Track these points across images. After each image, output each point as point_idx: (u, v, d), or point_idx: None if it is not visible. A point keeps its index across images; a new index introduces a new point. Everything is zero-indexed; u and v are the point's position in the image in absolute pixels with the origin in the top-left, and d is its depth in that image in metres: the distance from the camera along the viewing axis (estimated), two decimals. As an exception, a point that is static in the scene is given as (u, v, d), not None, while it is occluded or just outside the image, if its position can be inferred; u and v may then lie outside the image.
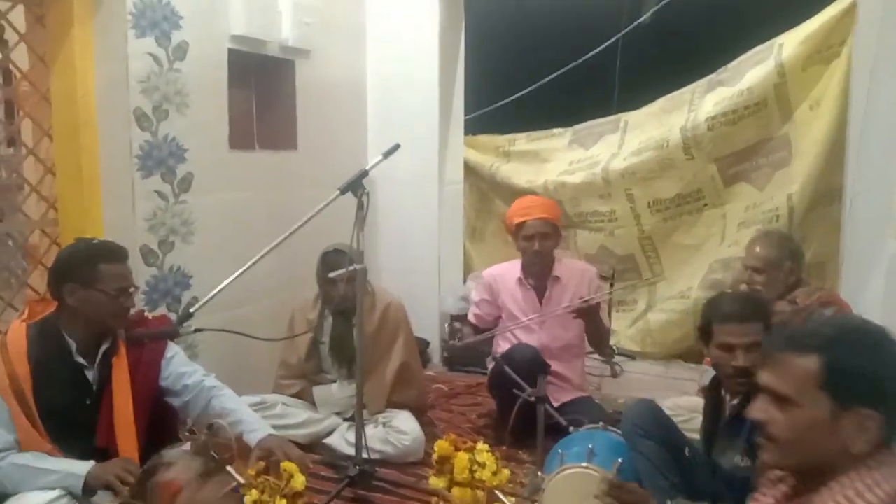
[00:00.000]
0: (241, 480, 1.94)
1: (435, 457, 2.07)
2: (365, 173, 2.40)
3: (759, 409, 1.29)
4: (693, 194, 4.16)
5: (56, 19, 2.78)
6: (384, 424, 2.92)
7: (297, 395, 3.08)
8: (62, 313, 2.12)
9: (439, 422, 3.30)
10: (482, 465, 1.99)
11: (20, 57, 2.92)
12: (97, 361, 2.12)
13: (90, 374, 2.12)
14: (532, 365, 2.83)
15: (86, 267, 2.09)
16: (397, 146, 2.50)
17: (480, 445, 2.06)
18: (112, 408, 2.10)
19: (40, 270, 2.95)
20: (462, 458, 2.00)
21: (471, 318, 3.37)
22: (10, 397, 2.01)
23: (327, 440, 2.96)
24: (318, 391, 3.07)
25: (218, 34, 3.13)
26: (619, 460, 1.95)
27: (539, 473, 2.17)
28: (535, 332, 3.16)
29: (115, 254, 2.15)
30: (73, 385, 2.10)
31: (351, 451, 2.80)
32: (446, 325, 4.21)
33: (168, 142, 2.95)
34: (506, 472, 2.05)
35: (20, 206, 3.02)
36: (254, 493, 1.88)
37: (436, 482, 2.05)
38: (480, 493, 2.01)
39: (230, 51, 3.19)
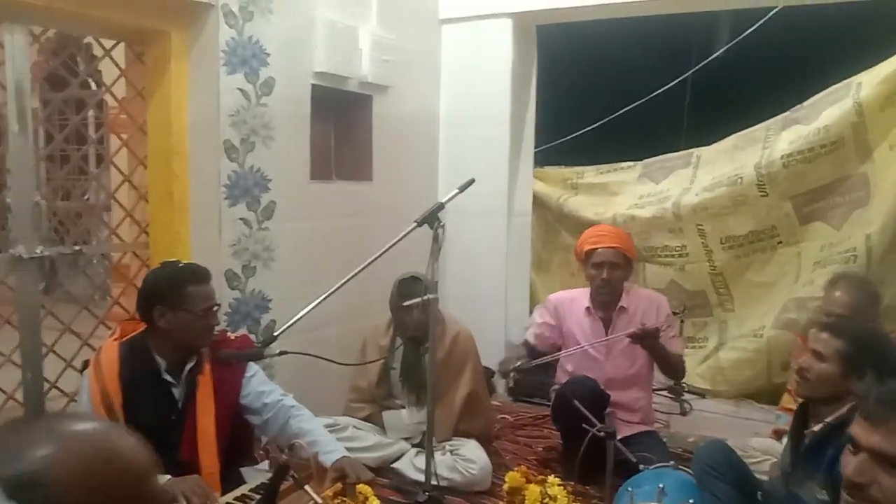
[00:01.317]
0: (319, 500, 2.01)
1: (506, 487, 2.10)
2: (441, 206, 2.47)
3: (860, 472, 1.23)
4: (767, 231, 4.10)
5: (154, 56, 2.99)
6: (452, 452, 2.96)
7: (366, 419, 3.15)
8: (152, 334, 2.23)
9: (505, 452, 3.32)
10: (553, 499, 2.01)
11: (117, 90, 3.14)
12: (182, 379, 2.23)
13: (176, 392, 2.22)
14: (593, 396, 2.83)
15: (174, 290, 2.18)
16: (472, 181, 2.57)
17: (552, 479, 2.08)
18: (196, 424, 2.18)
19: (130, 290, 3.12)
20: (533, 491, 2.02)
21: (528, 337, 3.29)
22: (100, 414, 2.12)
23: (395, 465, 3.02)
24: (388, 416, 3.13)
25: (302, 71, 3.28)
26: (691, 501, 1.94)
27: (608, 509, 2.17)
28: (599, 363, 3.13)
29: (199, 275, 2.24)
30: (161, 402, 2.20)
31: (418, 477, 2.87)
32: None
33: (253, 172, 3.10)
34: (575, 505, 2.06)
35: (114, 229, 3.21)
36: (330, 513, 1.95)
37: (505, 512, 2.07)
38: (550, 526, 2.03)
39: (313, 86, 3.34)
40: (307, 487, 2.04)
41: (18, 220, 2.68)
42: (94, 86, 6.15)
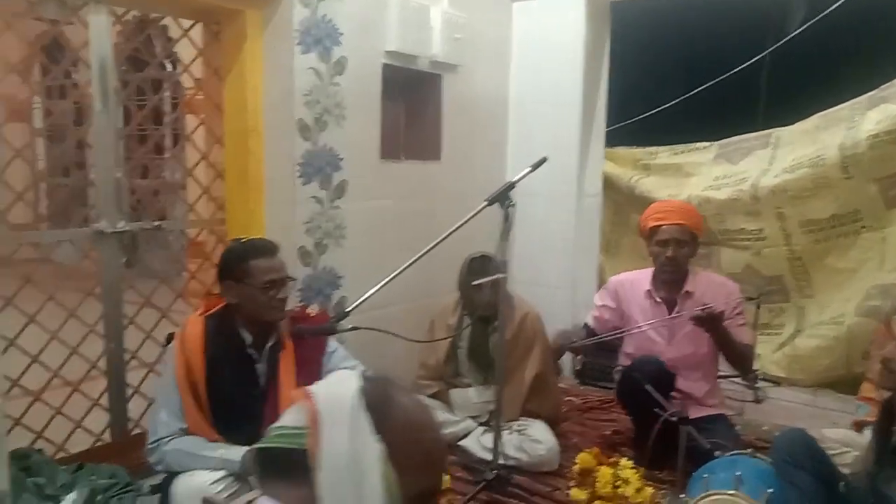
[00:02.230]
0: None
1: (577, 468, 2.08)
2: (512, 185, 2.45)
3: None
4: (850, 215, 3.92)
5: (230, 36, 3.04)
6: (519, 432, 2.96)
7: (434, 396, 3.17)
8: (232, 308, 2.29)
9: (572, 434, 3.29)
10: (626, 482, 1.98)
11: (194, 71, 3.21)
12: (265, 355, 2.27)
13: (259, 367, 2.27)
14: (658, 375, 2.77)
15: (237, 264, 2.22)
16: (544, 159, 2.54)
17: (625, 461, 2.05)
18: (277, 400, 2.19)
19: (207, 265, 3.21)
20: (605, 473, 2.00)
21: (588, 321, 3.22)
22: (184, 389, 2.17)
23: (462, 442, 3.03)
24: (456, 394, 3.15)
25: (374, 50, 3.29)
26: (770, 490, 1.89)
27: (682, 496, 2.13)
28: (660, 347, 3.01)
29: (262, 249, 2.25)
30: (244, 378, 2.23)
31: (485, 455, 2.88)
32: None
33: (326, 151, 3.13)
34: (649, 490, 2.03)
35: (192, 205, 3.31)
36: (400, 488, 1.96)
37: (577, 494, 2.06)
38: (621, 509, 2.00)
39: (384, 66, 3.35)
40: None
41: (102, 196, 2.79)
42: (170, 67, 6.33)
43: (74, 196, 7.22)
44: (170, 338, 2.35)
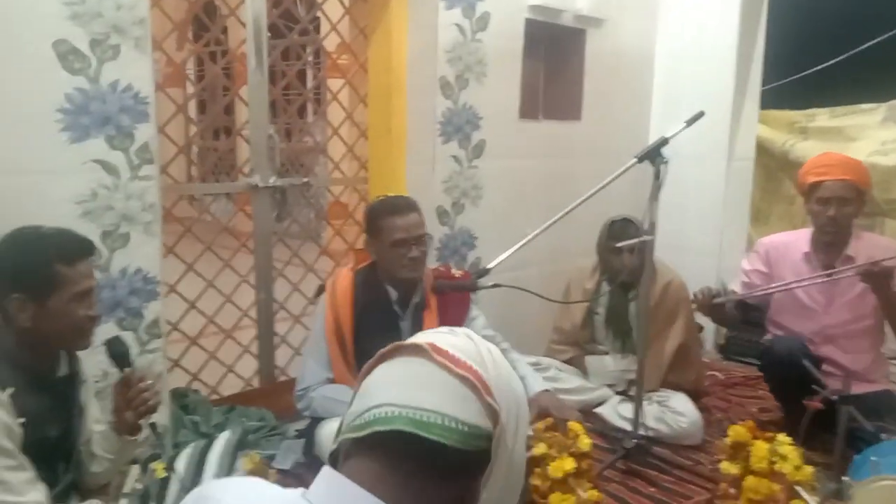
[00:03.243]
0: (530, 432, 2.01)
1: (728, 441, 1.96)
2: (665, 141, 2.33)
3: None
4: None
5: (377, -6, 3.04)
6: (660, 403, 2.84)
7: (568, 362, 3.11)
8: (377, 264, 2.32)
9: (715, 410, 3.14)
10: (784, 458, 1.85)
11: (336, 37, 3.24)
12: (409, 313, 2.30)
13: (403, 325, 2.30)
14: (796, 360, 2.52)
15: (374, 220, 2.26)
16: (701, 114, 2.40)
17: (782, 437, 1.91)
18: None
19: (349, 223, 3.29)
20: (761, 447, 1.87)
21: (736, 287, 2.95)
22: (332, 340, 2.24)
23: (598, 410, 2.95)
24: (592, 361, 3.07)
25: (518, 4, 3.21)
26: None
27: (844, 479, 1.97)
28: (815, 315, 2.74)
29: (396, 207, 2.26)
30: (389, 333, 2.25)
31: (622, 424, 2.80)
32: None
33: (466, 109, 3.10)
34: (809, 468, 1.89)
35: (337, 163, 3.39)
36: (542, 446, 1.94)
37: (728, 468, 1.94)
38: (776, 487, 1.87)
39: (527, 21, 3.26)
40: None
41: (254, 152, 2.90)
42: (309, 33, 6.51)
43: (222, 159, 7.66)
44: (320, 290, 2.42)
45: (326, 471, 0.78)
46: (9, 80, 1.90)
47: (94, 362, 2.03)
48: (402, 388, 0.78)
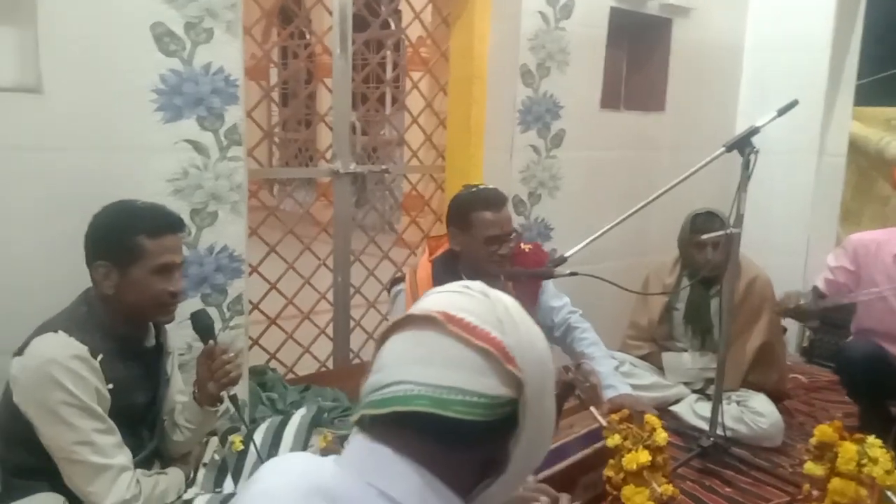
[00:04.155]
0: (604, 423, 1.98)
1: (814, 441, 1.88)
2: (755, 130, 2.25)
3: None
4: None
5: (461, -19, 3.04)
6: (739, 403, 2.75)
7: (644, 358, 3.04)
8: (455, 253, 2.32)
9: (797, 413, 3.02)
10: (874, 461, 1.76)
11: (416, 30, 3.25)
12: None
13: None
14: (872, 364, 2.48)
15: (464, 213, 2.23)
16: (795, 102, 2.31)
17: (872, 439, 1.82)
18: None
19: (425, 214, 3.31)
20: (849, 449, 1.79)
21: (818, 283, 2.80)
22: None
23: (674, 408, 2.89)
24: (668, 358, 3.00)
25: (603, -8, 3.16)
26: None
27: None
28: None
29: (489, 201, 2.22)
30: None
31: (699, 423, 2.73)
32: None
33: (546, 98, 3.07)
34: (902, 474, 1.79)
35: (415, 152, 3.42)
36: (617, 438, 1.90)
37: (812, 469, 1.86)
38: (863, 492, 1.79)
39: (612, 9, 3.20)
40: (593, 409, 2.02)
41: (337, 138, 2.95)
42: (392, 26, 6.57)
43: (301, 149, 7.84)
44: (393, 281, 2.44)
45: (358, 437, 0.79)
46: (108, 60, 1.98)
47: (179, 335, 2.11)
48: (419, 366, 0.77)
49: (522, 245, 2.49)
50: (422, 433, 0.75)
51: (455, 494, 0.76)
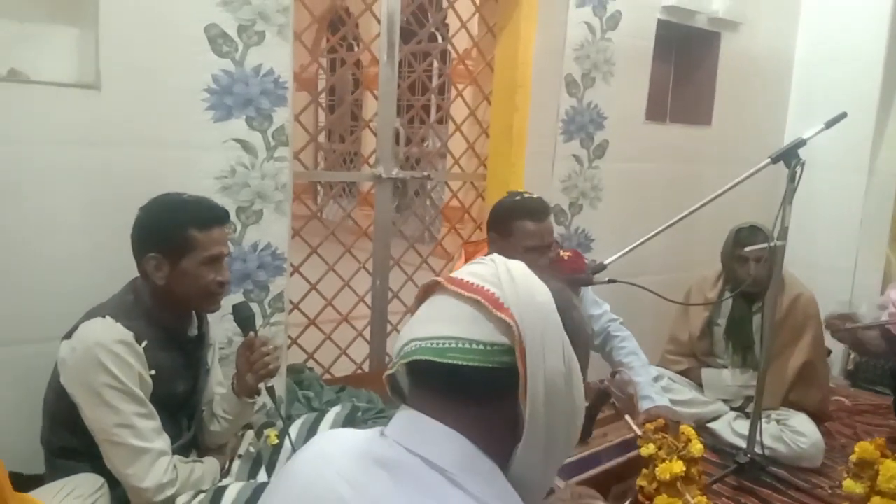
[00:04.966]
0: (639, 432, 1.96)
1: (854, 458, 1.84)
2: (802, 142, 2.22)
3: None
4: None
5: (508, -8, 3.07)
6: (778, 422, 2.70)
7: (682, 373, 3.00)
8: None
9: (839, 435, 2.95)
10: (917, 481, 1.71)
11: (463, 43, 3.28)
12: None
13: None
14: None
15: (505, 220, 2.22)
16: (843, 115, 2.27)
17: (915, 458, 1.77)
18: None
19: (464, 220, 3.33)
20: (891, 466, 1.74)
21: (884, 317, 2.76)
22: None
23: (712, 425, 2.84)
24: (708, 374, 2.95)
25: (650, 4, 3.15)
26: None
27: None
28: None
29: (533, 211, 2.19)
30: None
31: (737, 441, 2.68)
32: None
33: (590, 109, 3.07)
34: (946, 496, 1.74)
35: (457, 160, 3.44)
36: (651, 447, 1.88)
37: (851, 486, 1.82)
38: (907, 513, 1.74)
39: (659, 21, 3.19)
40: (628, 418, 2.01)
41: (381, 144, 2.99)
42: (440, 39, 6.66)
43: (346, 160, 7.95)
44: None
45: (403, 410, 0.84)
46: (164, 59, 2.05)
47: (221, 329, 2.16)
48: (422, 323, 0.84)
49: (561, 252, 2.47)
50: (432, 387, 0.81)
51: (493, 461, 0.79)
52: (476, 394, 0.80)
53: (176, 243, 1.72)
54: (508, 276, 0.84)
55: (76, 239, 1.99)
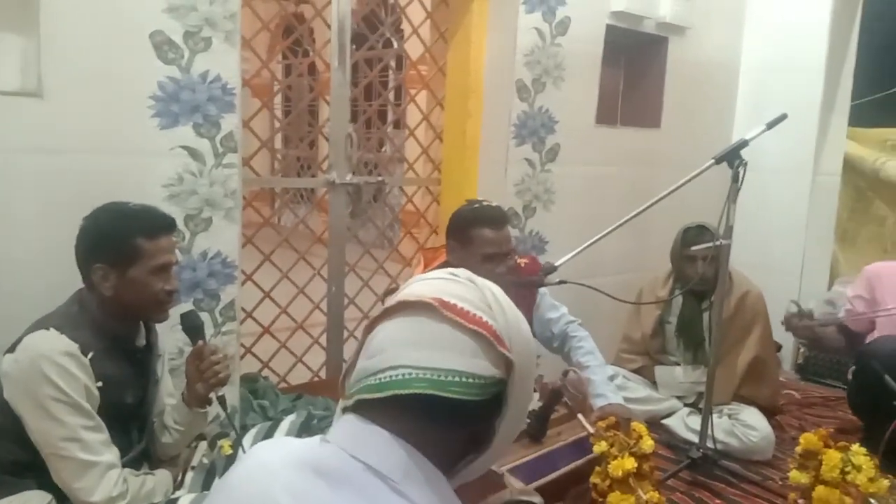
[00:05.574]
0: (592, 430, 1.98)
1: (799, 450, 1.89)
2: (744, 143, 2.28)
3: None
4: None
5: (460, -2, 3.09)
6: (730, 416, 2.76)
7: (636, 371, 3.05)
8: (451, 265, 2.31)
9: (789, 428, 3.01)
10: (857, 469, 1.76)
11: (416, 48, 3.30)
12: None
13: None
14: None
15: (464, 228, 2.20)
16: (784, 116, 2.34)
17: (857, 447, 1.83)
18: None
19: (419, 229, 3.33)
20: (833, 456, 1.79)
21: (840, 314, 2.92)
22: None
23: (666, 421, 2.89)
24: (661, 371, 3.00)
25: (599, 10, 3.20)
26: None
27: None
28: None
29: (491, 219, 2.18)
30: None
31: (690, 437, 2.73)
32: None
33: (542, 113, 3.11)
34: (885, 482, 1.79)
35: (411, 165, 3.45)
36: (603, 444, 1.91)
37: (797, 477, 1.87)
38: (849, 500, 1.79)
39: (608, 27, 3.25)
40: (580, 416, 2.03)
41: (333, 149, 2.98)
42: (394, 44, 6.66)
43: (303, 166, 7.91)
44: (387, 293, 2.45)
45: (348, 416, 0.81)
46: (108, 66, 2.02)
47: (171, 339, 2.13)
48: (417, 350, 0.80)
49: (518, 259, 2.50)
50: (416, 413, 0.78)
51: (438, 469, 0.79)
52: (457, 421, 0.80)
53: (123, 253, 1.69)
54: (498, 305, 0.85)
55: (23, 249, 1.94)
